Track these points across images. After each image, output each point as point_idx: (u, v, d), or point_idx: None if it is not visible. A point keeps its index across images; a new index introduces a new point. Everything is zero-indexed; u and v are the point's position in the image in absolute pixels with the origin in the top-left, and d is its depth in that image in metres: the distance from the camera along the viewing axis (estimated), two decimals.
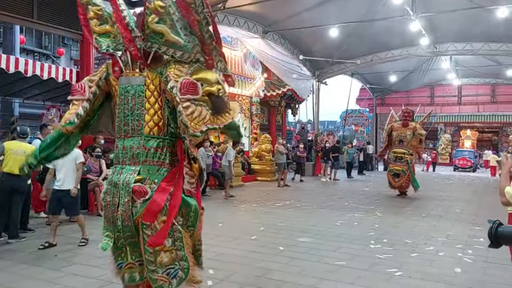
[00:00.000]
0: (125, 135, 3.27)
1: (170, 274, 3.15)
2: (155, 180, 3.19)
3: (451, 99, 30.05)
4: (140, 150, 3.23)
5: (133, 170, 3.20)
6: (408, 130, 11.99)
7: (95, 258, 5.36)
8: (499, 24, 13.88)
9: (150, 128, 3.24)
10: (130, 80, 3.27)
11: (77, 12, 3.49)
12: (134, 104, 3.23)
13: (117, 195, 3.19)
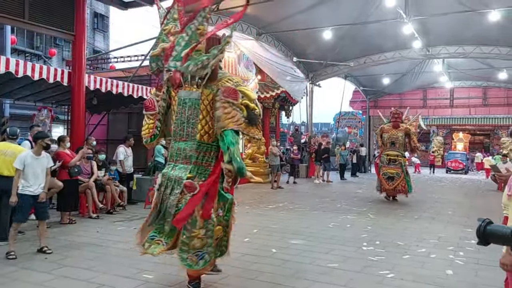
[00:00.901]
0: (180, 139, 4.09)
1: (199, 256, 3.89)
2: (202, 179, 3.96)
3: (443, 101, 30.26)
4: (193, 152, 4.02)
5: (185, 169, 3.99)
6: (400, 132, 11.63)
7: (86, 261, 5.31)
8: (490, 28, 14.01)
9: (201, 135, 4.02)
10: (188, 94, 4.03)
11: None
12: (190, 114, 4.01)
13: (169, 186, 3.99)
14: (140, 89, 11.38)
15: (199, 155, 4.03)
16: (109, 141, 14.05)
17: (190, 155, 4.03)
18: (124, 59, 15.98)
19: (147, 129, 4.30)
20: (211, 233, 3.95)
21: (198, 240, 3.88)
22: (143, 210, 9.26)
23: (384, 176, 11.42)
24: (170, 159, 4.19)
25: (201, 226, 3.89)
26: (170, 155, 4.24)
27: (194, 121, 4.01)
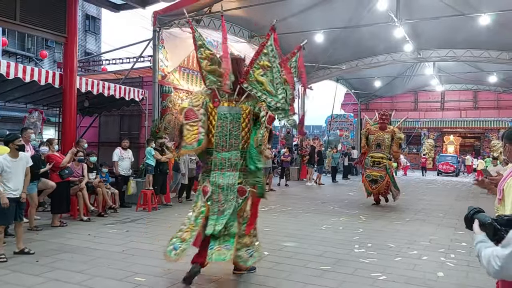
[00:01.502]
0: (223, 149, 4.60)
1: (249, 252, 4.65)
2: (247, 184, 4.61)
3: (434, 104, 30.52)
4: (238, 160, 4.60)
5: (234, 175, 4.56)
6: (386, 134, 11.21)
7: (77, 264, 5.27)
8: (481, 32, 14.17)
9: (243, 144, 4.63)
10: (229, 110, 4.62)
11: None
12: (232, 127, 4.60)
13: (223, 194, 4.51)
14: (132, 91, 11.36)
15: (243, 162, 4.64)
16: (100, 143, 13.97)
17: (236, 163, 4.60)
18: (116, 61, 15.87)
19: (192, 135, 4.58)
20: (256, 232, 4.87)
21: (248, 238, 4.66)
22: (135, 212, 9.22)
23: (368, 178, 10.94)
24: (215, 168, 4.63)
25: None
26: (214, 164, 4.65)
27: (236, 133, 4.61)
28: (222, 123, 4.62)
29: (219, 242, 4.40)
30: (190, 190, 11.64)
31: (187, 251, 4.52)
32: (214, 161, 4.64)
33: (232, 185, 4.53)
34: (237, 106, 4.65)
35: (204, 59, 4.75)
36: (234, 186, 4.53)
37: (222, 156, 4.60)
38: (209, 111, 4.70)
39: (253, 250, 4.68)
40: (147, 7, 12.21)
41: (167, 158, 10.33)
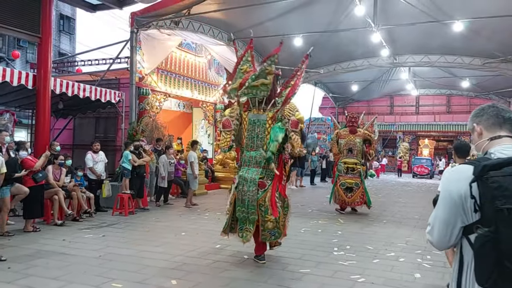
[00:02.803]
0: (251, 149, 5.62)
1: (271, 234, 5.52)
2: (269, 179, 5.50)
3: (409, 108, 31.16)
4: (261, 159, 5.51)
5: (257, 171, 5.50)
6: (358, 138, 10.47)
7: (52, 270, 5.12)
8: (454, 38, 14.53)
9: (267, 146, 5.51)
10: (257, 116, 5.66)
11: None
12: (259, 131, 5.60)
13: (246, 185, 5.44)
14: (108, 93, 11.17)
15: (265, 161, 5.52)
16: (75, 146, 13.68)
17: (260, 161, 5.53)
18: (91, 63, 15.58)
19: (225, 142, 5.69)
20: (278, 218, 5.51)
21: (271, 223, 5.44)
22: (111, 217, 9.04)
23: (342, 186, 10.18)
24: (243, 164, 5.67)
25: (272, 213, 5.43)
26: (243, 161, 5.70)
27: (262, 136, 5.59)
28: (251, 127, 5.65)
29: (246, 224, 5.49)
30: (168, 193, 11.50)
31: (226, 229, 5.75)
32: (243, 158, 5.70)
33: (254, 179, 5.44)
34: (264, 114, 5.66)
35: (244, 73, 5.79)
36: (256, 180, 5.44)
37: (250, 155, 5.61)
38: (243, 118, 5.78)
39: (275, 231, 5.54)
40: (124, 8, 12.03)
41: (143, 161, 10.18)
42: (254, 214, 5.43)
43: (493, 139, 1.79)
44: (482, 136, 1.85)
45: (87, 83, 10.83)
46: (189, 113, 17.03)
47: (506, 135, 1.78)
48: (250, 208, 5.42)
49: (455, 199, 1.70)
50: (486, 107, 1.89)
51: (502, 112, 1.82)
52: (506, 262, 1.54)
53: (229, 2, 12.41)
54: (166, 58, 13.51)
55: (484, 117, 1.86)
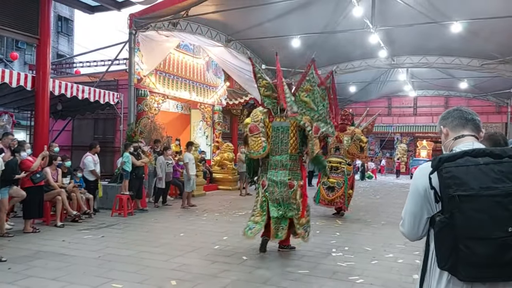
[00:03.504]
0: (276, 153, 6.10)
1: (305, 230, 6.18)
2: (296, 178, 6.07)
3: (407, 110, 31.21)
4: (287, 162, 6.06)
5: (285, 173, 6.03)
6: (346, 136, 10.05)
7: (52, 271, 5.12)
8: (452, 39, 14.57)
9: (291, 150, 6.10)
10: (281, 124, 6.14)
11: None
12: (283, 137, 6.09)
13: (277, 187, 5.98)
14: (107, 94, 11.18)
15: (291, 163, 6.08)
16: (74, 147, 13.67)
17: (286, 164, 6.06)
18: (90, 64, 15.59)
19: (257, 145, 6.11)
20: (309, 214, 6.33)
21: (305, 219, 6.16)
22: (110, 218, 9.05)
23: (324, 185, 9.78)
24: (270, 167, 6.14)
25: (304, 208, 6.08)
26: (269, 165, 6.16)
27: (286, 141, 6.08)
28: (276, 134, 6.12)
29: (280, 223, 6.01)
30: (166, 194, 11.50)
31: (260, 230, 6.09)
32: (270, 163, 6.15)
33: (283, 181, 5.97)
34: (286, 121, 6.11)
35: (262, 87, 6.27)
36: (285, 181, 5.96)
37: (276, 159, 6.09)
38: (266, 125, 6.20)
39: (307, 226, 6.23)
40: (123, 9, 12.04)
41: (142, 162, 10.19)
42: (291, 211, 6.01)
43: (457, 138, 1.94)
44: (448, 136, 1.99)
45: (85, 85, 10.83)
46: (187, 114, 17.04)
47: (469, 134, 1.93)
48: (285, 207, 5.99)
49: (420, 192, 1.86)
50: (452, 111, 2.04)
51: (465, 114, 1.98)
52: (461, 245, 1.66)
53: (227, 3, 12.43)
54: (164, 59, 13.52)
55: (449, 120, 2.01)
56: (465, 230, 1.67)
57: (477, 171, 1.70)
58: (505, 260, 1.64)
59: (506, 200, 1.65)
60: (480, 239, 1.65)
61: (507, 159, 1.72)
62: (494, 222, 1.64)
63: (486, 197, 1.65)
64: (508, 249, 1.64)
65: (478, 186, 1.67)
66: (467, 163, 1.73)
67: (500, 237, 1.63)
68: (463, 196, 1.67)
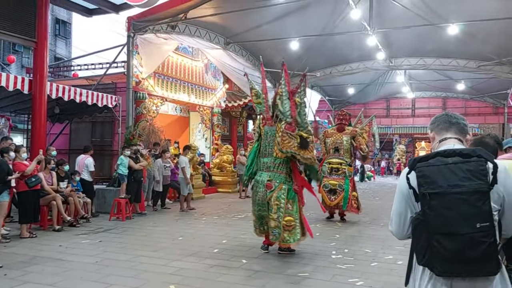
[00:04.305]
0: (264, 156, 6.44)
1: (273, 233, 6.16)
2: (276, 181, 6.25)
3: (405, 111, 31.27)
4: (271, 164, 6.35)
5: (267, 174, 6.31)
6: (345, 136, 9.72)
7: (48, 276, 5.08)
8: (449, 41, 14.61)
9: (276, 152, 6.34)
10: (269, 128, 6.46)
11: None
12: (270, 140, 6.41)
13: (258, 187, 6.30)
14: (105, 97, 11.15)
15: (274, 166, 6.34)
16: (71, 151, 13.61)
17: (269, 165, 6.36)
18: (88, 67, 15.54)
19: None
20: (281, 219, 6.14)
21: (273, 222, 6.13)
22: (108, 222, 9.00)
23: (325, 188, 9.38)
24: (259, 169, 6.48)
25: (275, 212, 6.13)
26: (259, 167, 6.52)
27: (272, 144, 6.38)
28: (265, 137, 6.49)
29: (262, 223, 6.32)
30: (165, 198, 11.46)
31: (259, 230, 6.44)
32: (259, 165, 6.52)
33: (263, 181, 6.26)
34: (273, 126, 6.44)
35: (253, 96, 6.73)
36: (264, 182, 6.24)
37: (263, 161, 6.45)
38: (260, 130, 6.63)
39: (277, 231, 6.15)
40: (121, 12, 12.03)
41: (140, 166, 10.15)
42: (264, 211, 6.22)
43: (442, 141, 2.04)
44: (435, 140, 2.10)
45: (83, 88, 10.80)
46: (186, 117, 17.01)
47: (451, 137, 2.03)
48: (259, 207, 6.26)
49: (403, 192, 1.97)
50: (439, 116, 2.15)
51: (450, 118, 2.08)
52: (433, 241, 1.77)
53: (226, 6, 12.42)
54: (163, 62, 13.50)
55: (435, 124, 2.12)
56: (436, 226, 1.76)
57: (446, 170, 1.81)
58: (473, 256, 1.72)
59: (473, 198, 1.74)
60: (450, 234, 1.74)
61: (475, 159, 1.81)
62: (462, 218, 1.73)
63: (453, 195, 1.75)
64: (476, 245, 1.71)
65: (446, 184, 1.77)
66: (437, 162, 1.84)
67: (467, 233, 1.71)
68: (433, 194, 1.78)
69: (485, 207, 1.74)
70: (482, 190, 1.75)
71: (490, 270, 1.76)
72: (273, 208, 6.14)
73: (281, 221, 6.11)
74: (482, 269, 1.75)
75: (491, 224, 1.74)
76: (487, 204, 1.75)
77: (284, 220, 6.14)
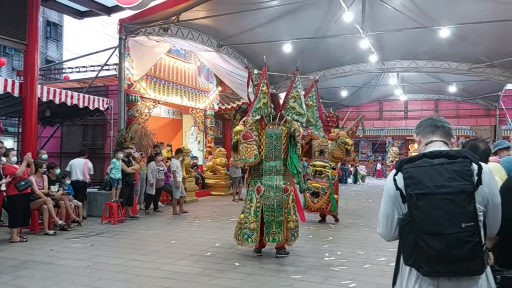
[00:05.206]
0: (270, 159, 6.31)
1: (292, 234, 6.33)
2: (288, 183, 6.34)
3: (398, 113, 31.42)
4: (281, 167, 6.33)
5: (280, 178, 6.27)
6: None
7: (39, 281, 5.02)
8: (441, 44, 14.69)
9: (284, 156, 6.38)
10: (273, 130, 6.40)
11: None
12: (276, 143, 6.34)
13: (272, 191, 6.18)
14: (97, 100, 11.07)
15: (284, 168, 6.35)
16: (62, 154, 13.51)
17: (280, 169, 6.31)
18: (79, 70, 15.45)
19: (249, 152, 6.25)
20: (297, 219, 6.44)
21: (292, 223, 6.32)
22: (100, 226, 8.92)
23: (309, 191, 9.32)
24: (265, 173, 6.31)
25: (293, 213, 6.35)
26: (264, 171, 6.32)
27: (279, 147, 6.34)
28: (269, 141, 6.36)
29: (273, 228, 6.15)
30: (157, 201, 11.39)
31: (258, 236, 6.23)
32: (264, 169, 6.32)
33: (279, 185, 6.22)
34: (278, 128, 6.40)
35: (261, 94, 6.41)
36: (281, 186, 6.22)
37: (270, 165, 6.31)
38: (259, 132, 6.45)
39: (295, 231, 6.36)
40: (113, 14, 11.99)
41: (133, 169, 10.08)
42: (282, 216, 6.17)
43: (428, 144, 2.08)
44: (421, 143, 2.14)
45: (74, 91, 10.72)
46: (178, 119, 16.96)
47: (437, 140, 2.07)
48: (277, 211, 6.17)
49: (391, 194, 2.00)
50: (424, 120, 2.19)
51: (435, 122, 2.13)
52: (420, 240, 1.79)
53: (218, 8, 12.41)
54: (155, 64, 13.45)
55: (421, 128, 2.16)
56: (422, 227, 1.78)
57: (432, 171, 1.84)
58: (459, 255, 1.74)
59: (458, 198, 1.77)
60: (436, 234, 1.76)
61: (460, 160, 1.85)
62: (448, 218, 1.76)
63: (440, 195, 1.78)
64: (461, 244, 1.74)
65: (433, 185, 1.81)
66: (423, 164, 1.88)
67: (453, 232, 1.74)
68: (420, 194, 1.81)
69: (470, 207, 1.77)
70: (467, 190, 1.79)
71: (475, 270, 1.78)
72: (291, 210, 6.31)
73: (296, 221, 6.41)
74: (468, 269, 1.78)
75: (476, 224, 1.77)
76: (472, 204, 1.78)
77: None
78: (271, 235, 6.16)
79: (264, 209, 6.20)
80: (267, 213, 6.16)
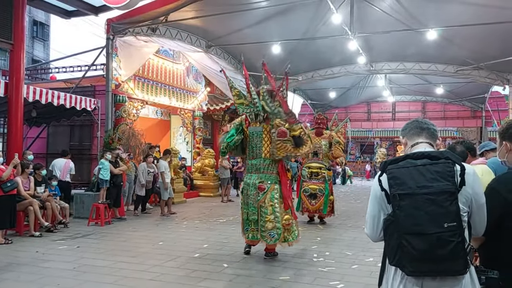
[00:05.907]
0: (252, 157, 6.38)
1: (271, 235, 6.09)
2: (268, 182, 6.22)
3: (386, 115, 31.70)
4: (260, 165, 6.30)
5: (257, 176, 6.26)
6: (323, 140, 9.79)
7: (24, 283, 4.94)
8: (428, 46, 14.85)
9: (265, 154, 6.31)
10: (255, 129, 6.38)
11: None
12: (257, 141, 6.33)
13: (250, 190, 6.22)
14: (84, 100, 10.97)
15: (264, 167, 6.31)
16: (49, 155, 13.34)
17: (259, 167, 6.31)
18: (66, 70, 15.27)
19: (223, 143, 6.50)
20: (278, 219, 6.12)
21: (271, 224, 6.07)
22: (87, 227, 8.82)
23: (305, 193, 9.36)
24: (247, 171, 6.48)
25: (271, 213, 6.10)
26: (247, 169, 6.53)
27: (259, 145, 6.32)
28: (251, 139, 6.39)
29: (251, 225, 6.20)
30: (146, 202, 11.30)
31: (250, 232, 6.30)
32: (247, 167, 6.52)
33: (255, 183, 6.20)
34: (259, 126, 6.37)
35: (235, 96, 6.59)
36: (256, 184, 6.19)
37: (252, 163, 6.38)
38: (244, 130, 6.48)
39: (275, 232, 6.11)
40: (100, 14, 11.89)
41: (120, 170, 10.00)
42: (255, 215, 6.16)
43: (414, 145, 2.10)
44: (407, 145, 2.16)
45: (61, 91, 10.60)
46: (167, 120, 16.87)
47: (423, 141, 2.09)
48: (251, 209, 6.18)
49: (377, 195, 2.01)
50: (410, 122, 2.22)
51: (421, 124, 2.16)
52: (403, 240, 1.81)
53: (206, 9, 12.37)
54: (143, 65, 13.36)
55: (407, 130, 2.18)
56: (405, 227, 1.80)
57: (415, 172, 1.87)
58: (441, 255, 1.76)
59: (440, 198, 1.79)
60: (419, 234, 1.78)
61: (443, 161, 1.87)
62: (430, 218, 1.78)
63: (421, 195, 1.81)
64: (444, 244, 1.75)
65: (415, 185, 1.83)
66: (406, 164, 1.90)
67: (435, 232, 1.75)
68: (402, 195, 1.83)
69: (452, 207, 1.79)
70: (449, 190, 1.81)
71: (458, 269, 1.80)
72: (268, 210, 6.11)
73: (280, 221, 6.11)
74: (450, 268, 1.79)
75: (458, 224, 1.78)
76: (455, 204, 1.80)
77: (284, 219, 6.16)
78: (250, 232, 6.26)
79: (243, 206, 6.36)
80: (245, 210, 6.29)
